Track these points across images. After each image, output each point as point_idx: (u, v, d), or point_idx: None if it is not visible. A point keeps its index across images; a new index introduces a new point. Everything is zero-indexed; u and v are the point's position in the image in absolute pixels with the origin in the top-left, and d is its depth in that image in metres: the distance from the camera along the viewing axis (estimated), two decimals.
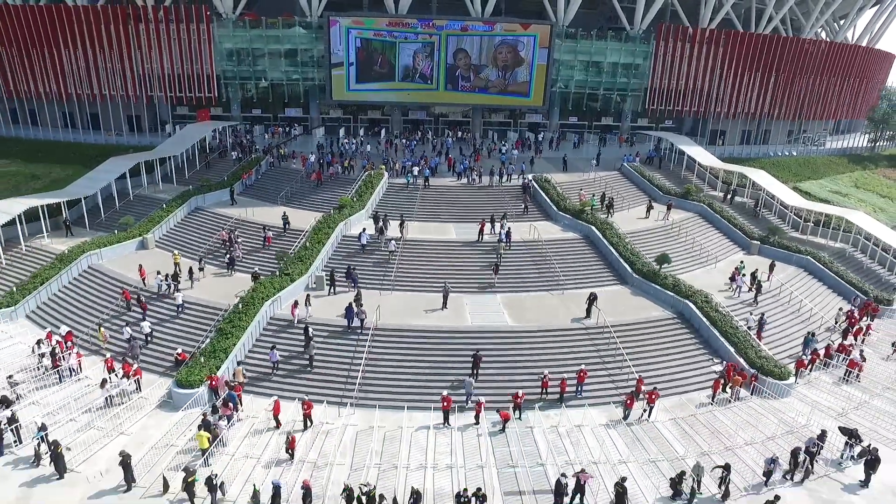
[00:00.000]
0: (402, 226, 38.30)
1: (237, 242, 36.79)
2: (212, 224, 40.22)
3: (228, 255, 35.50)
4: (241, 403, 25.28)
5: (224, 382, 25.83)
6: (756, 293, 34.55)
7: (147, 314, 30.74)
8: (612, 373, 28.39)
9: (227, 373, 26.66)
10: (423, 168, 46.18)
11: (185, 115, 59.23)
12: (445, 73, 56.47)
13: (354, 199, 41.26)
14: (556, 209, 42.24)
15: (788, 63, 62.58)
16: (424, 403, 25.84)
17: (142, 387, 26.31)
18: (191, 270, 33.66)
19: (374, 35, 54.80)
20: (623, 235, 38.79)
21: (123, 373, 26.25)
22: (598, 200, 43.76)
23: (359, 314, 29.35)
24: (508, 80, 57.11)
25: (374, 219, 39.10)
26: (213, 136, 54.44)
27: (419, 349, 28.95)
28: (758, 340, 30.46)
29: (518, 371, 28.07)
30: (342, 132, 58.92)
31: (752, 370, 28.26)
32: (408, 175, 45.59)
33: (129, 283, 33.27)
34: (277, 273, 33.04)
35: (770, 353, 29.82)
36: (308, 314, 30.31)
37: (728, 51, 59.59)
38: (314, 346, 28.06)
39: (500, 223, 38.91)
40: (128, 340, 28.61)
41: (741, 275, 35.49)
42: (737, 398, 27.23)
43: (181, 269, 33.98)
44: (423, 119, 62.67)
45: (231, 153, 51.03)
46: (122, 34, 54.25)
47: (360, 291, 31.92)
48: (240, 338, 27.97)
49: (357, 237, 37.01)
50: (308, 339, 28.18)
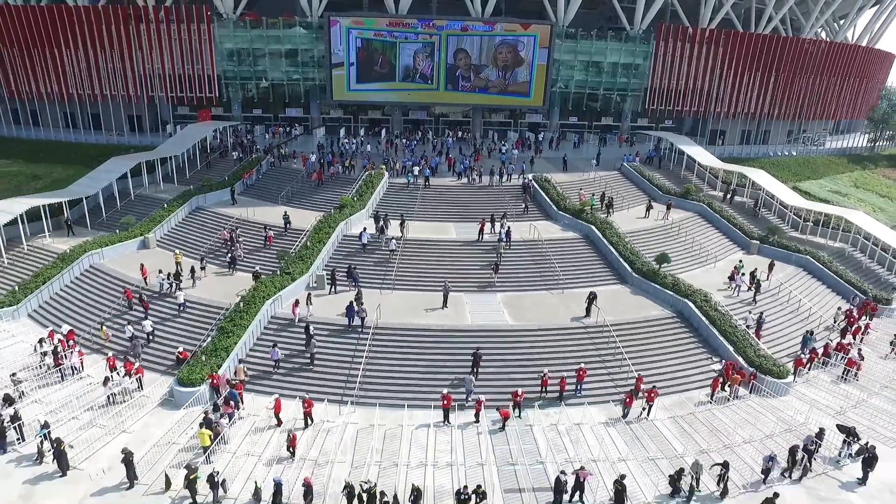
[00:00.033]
0: (403, 225, 38.43)
1: (238, 242, 36.92)
2: (213, 224, 40.36)
3: (230, 255, 35.64)
4: (243, 401, 25.41)
5: (225, 381, 25.96)
6: (755, 292, 34.67)
7: (149, 313, 30.89)
8: (612, 371, 28.50)
9: (229, 371, 26.79)
10: (424, 168, 46.32)
11: (186, 115, 59.38)
12: (446, 73, 56.60)
13: (355, 199, 41.40)
14: (556, 209, 42.36)
15: (788, 63, 62.69)
16: (425, 402, 25.96)
17: (143, 385, 26.44)
18: (193, 269, 33.81)
19: (375, 35, 54.94)
20: (623, 235, 38.91)
21: (125, 371, 26.38)
22: (598, 200, 43.92)
23: (359, 313, 29.48)
24: (508, 80, 57.24)
25: (375, 218, 39.26)
26: (214, 136, 54.57)
27: (419, 348, 29.08)
28: (756, 339, 30.59)
29: (518, 369, 28.17)
30: (343, 132, 59.07)
31: (751, 369, 28.36)
32: (408, 175, 45.72)
33: (131, 283, 33.40)
34: (278, 272, 33.18)
35: (769, 352, 29.95)
36: (309, 313, 30.45)
37: (728, 51, 59.71)
38: (315, 345, 28.18)
39: (500, 223, 39.04)
40: (130, 339, 28.76)
41: (740, 274, 35.61)
42: (735, 397, 27.36)
43: (182, 269, 34.12)
44: (424, 119, 62.81)
45: (232, 153, 51.16)
46: (123, 34, 54.42)
47: (361, 290, 32.06)
48: (241, 336, 28.10)
49: (358, 236, 37.14)
50: (309, 338, 28.31)
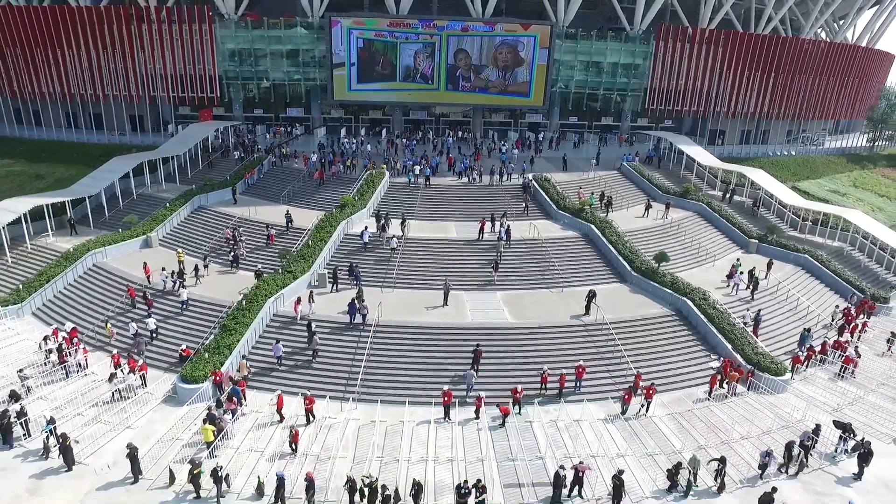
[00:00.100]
0: (404, 224, 38.68)
1: (241, 240, 37.18)
2: (215, 223, 40.62)
3: (232, 253, 35.91)
4: (245, 398, 25.66)
5: (228, 377, 26.22)
6: (753, 290, 34.89)
7: (152, 311, 31.14)
8: (611, 369, 28.75)
9: (231, 368, 27.07)
10: (424, 167, 46.57)
11: (188, 115, 59.68)
12: (446, 74, 56.85)
13: (356, 198, 41.65)
14: (556, 208, 42.61)
15: (788, 63, 62.92)
16: (425, 398, 26.21)
17: (147, 382, 26.71)
18: (196, 268, 34.08)
19: (376, 35, 55.21)
20: (622, 234, 39.14)
21: (129, 368, 26.64)
22: (598, 199, 44.17)
23: (360, 310, 29.75)
24: (509, 81, 57.49)
25: (376, 217, 39.52)
26: (216, 136, 54.83)
27: (420, 345, 29.34)
28: (754, 337, 30.83)
29: (518, 367, 28.45)
30: (343, 132, 59.32)
31: (749, 366, 28.62)
32: (409, 174, 45.99)
33: (134, 281, 33.67)
34: (280, 271, 33.44)
35: (766, 350, 30.23)
36: (311, 311, 30.71)
37: (728, 51, 59.94)
38: (317, 341, 28.45)
39: (500, 222, 39.29)
40: (134, 336, 29.04)
41: (738, 273, 35.83)
42: (733, 394, 27.61)
43: (185, 267, 34.38)
44: (424, 119, 63.05)
45: (233, 153, 51.44)
46: (125, 35, 54.71)
47: (362, 289, 32.30)
48: (243, 334, 28.37)
49: (359, 235, 37.41)
50: (311, 334, 28.58)
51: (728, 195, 49.15)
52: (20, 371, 25.75)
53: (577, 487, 21.01)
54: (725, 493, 21.41)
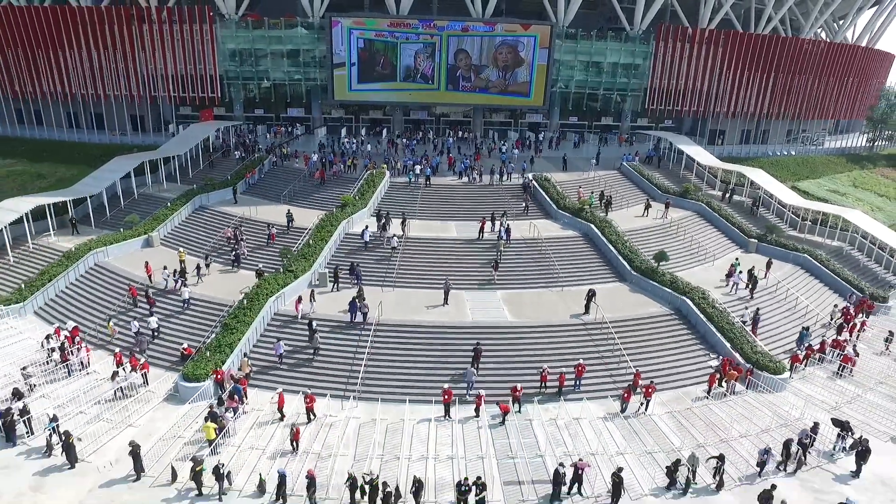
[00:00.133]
0: (404, 223, 38.81)
1: (242, 240, 37.30)
2: (216, 222, 40.75)
3: (234, 252, 36.05)
4: (247, 396, 25.81)
5: (229, 376, 26.36)
6: (752, 289, 35.01)
7: (154, 310, 31.27)
8: (610, 367, 28.88)
9: (233, 367, 27.20)
10: (425, 167, 46.69)
11: (189, 115, 59.83)
12: (446, 74, 56.98)
13: (357, 198, 41.77)
14: (556, 208, 42.73)
15: (788, 63, 63.01)
16: (426, 397, 26.35)
17: (149, 380, 26.85)
18: (198, 267, 34.22)
19: (376, 35, 55.33)
20: (622, 233, 39.27)
21: (131, 367, 26.77)
22: (597, 199, 44.30)
23: (361, 308, 29.88)
24: (509, 81, 57.61)
25: (377, 217, 39.66)
26: (217, 136, 54.98)
27: (421, 344, 29.47)
28: (753, 336, 30.95)
29: (517, 365, 28.58)
30: (344, 132, 59.44)
31: (748, 365, 28.74)
32: (409, 174, 46.11)
33: (136, 280, 33.81)
34: (281, 270, 33.58)
35: (765, 349, 30.35)
36: (312, 309, 30.84)
37: (727, 51, 60.05)
38: (318, 339, 28.58)
39: (500, 221, 39.42)
40: (136, 334, 29.19)
41: (737, 272, 35.94)
42: (732, 392, 27.73)
43: (187, 267, 34.49)
44: (425, 119, 63.17)
45: (234, 153, 51.57)
46: (126, 35, 54.87)
47: (363, 288, 32.42)
48: (245, 333, 28.52)
49: (360, 234, 37.54)
50: (312, 333, 28.71)
51: (728, 195, 49.26)
52: (23, 369, 25.93)
53: (577, 485, 21.15)
54: (724, 491, 21.54)
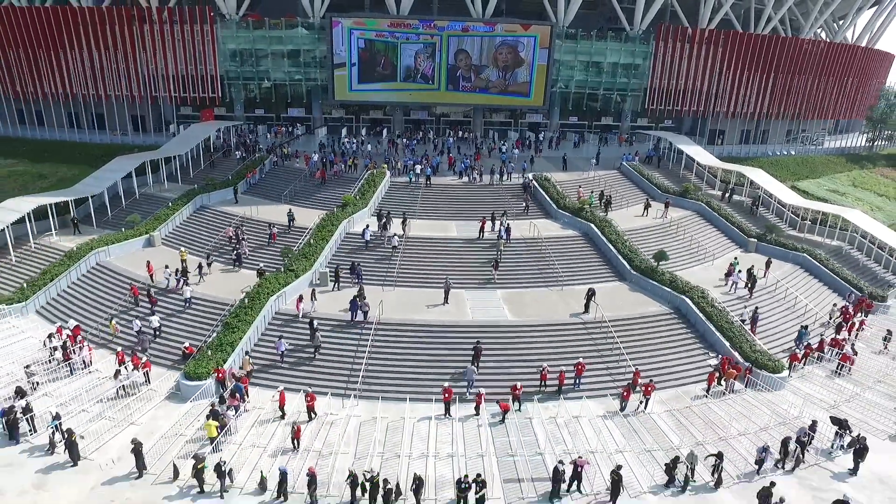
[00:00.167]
0: (405, 223, 38.94)
1: (243, 239, 37.43)
2: (217, 222, 40.88)
3: (235, 252, 36.18)
4: (248, 395, 25.94)
5: (230, 374, 26.49)
6: (751, 288, 35.12)
7: (155, 308, 31.41)
8: (610, 366, 29.00)
9: (234, 366, 27.34)
10: (425, 167, 46.82)
11: (189, 115, 59.99)
12: (447, 74, 57.11)
13: (357, 198, 41.90)
14: (556, 207, 42.85)
15: (787, 63, 63.09)
16: (426, 395, 26.48)
17: (150, 379, 27.00)
18: (200, 266, 34.38)
19: (376, 36, 55.46)
20: (621, 233, 39.38)
21: (133, 365, 26.92)
22: (597, 198, 44.42)
23: (362, 307, 30.01)
24: (509, 81, 57.73)
25: (378, 216, 39.79)
26: (217, 136, 55.12)
27: (421, 343, 29.61)
28: (752, 335, 31.06)
29: (517, 364, 28.70)
30: (344, 132, 59.56)
31: (747, 364, 28.85)
32: (410, 173, 46.25)
33: (137, 280, 33.93)
34: (282, 269, 33.71)
35: (764, 348, 30.47)
36: (313, 308, 30.97)
37: (727, 51, 60.14)
38: (319, 338, 28.73)
39: (500, 221, 39.54)
40: (138, 333, 29.32)
41: (737, 271, 36.04)
42: (731, 391, 27.86)
43: (188, 266, 34.63)
44: (425, 119, 63.30)
45: (235, 152, 51.72)
46: (127, 35, 55.01)
47: (363, 287, 32.54)
48: (246, 332, 28.65)
49: (360, 234, 37.69)
50: (313, 331, 28.85)
51: (727, 194, 49.38)
52: (27, 367, 26.09)
53: (576, 482, 21.28)
54: (722, 489, 21.66)
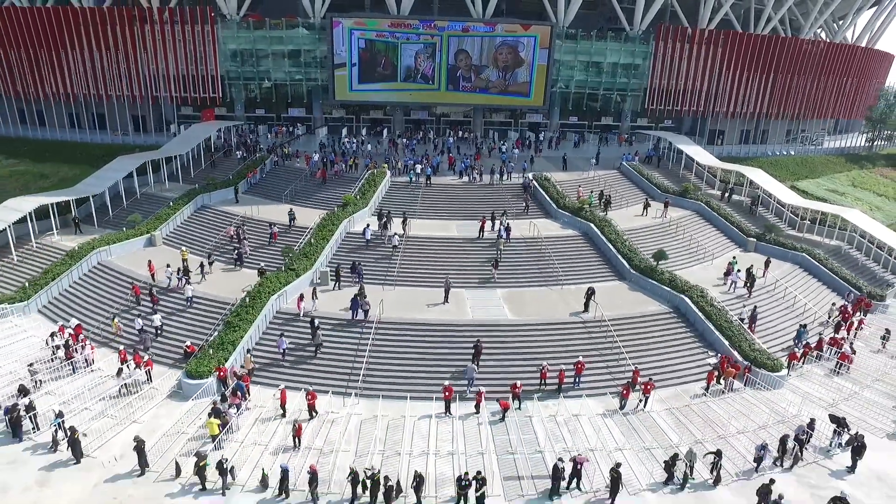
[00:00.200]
0: (405, 222, 39.07)
1: (244, 239, 37.56)
2: (218, 221, 41.01)
3: (236, 251, 36.31)
4: (249, 393, 26.07)
5: (232, 372, 26.62)
6: (750, 287, 35.24)
7: (157, 307, 31.54)
8: (609, 365, 29.12)
9: (235, 364, 27.47)
10: (426, 167, 46.96)
11: (190, 116, 60.12)
12: (447, 74, 57.24)
13: (358, 197, 42.04)
14: (556, 207, 42.98)
15: (787, 63, 63.24)
16: (427, 393, 26.61)
17: (152, 377, 27.12)
18: (202, 265, 34.53)
19: (377, 36, 55.60)
20: (621, 232, 39.50)
21: (135, 364, 27.06)
22: (597, 198, 44.56)
23: (363, 306, 30.14)
24: (509, 81, 57.87)
25: (378, 216, 39.93)
26: (218, 136, 55.26)
27: (421, 341, 29.73)
28: (751, 333, 31.18)
29: (517, 363, 28.83)
30: (345, 132, 59.69)
31: (746, 362, 28.97)
32: (410, 173, 46.38)
33: (139, 279, 34.06)
34: (283, 268, 33.84)
35: (763, 347, 30.57)
36: (314, 307, 31.11)
37: (727, 51, 60.28)
38: (321, 336, 28.87)
39: (500, 220, 39.67)
40: (140, 331, 29.46)
41: (735, 271, 36.16)
42: (730, 389, 27.97)
43: (189, 265, 34.75)
44: (425, 119, 63.44)
45: (236, 152, 51.85)
46: (128, 36, 55.17)
47: (364, 286, 32.67)
48: (247, 331, 28.78)
49: (361, 233, 37.82)
50: (314, 329, 29.00)
51: (727, 194, 49.49)
52: (30, 365, 26.24)
53: (576, 480, 21.40)
54: (721, 486, 21.78)
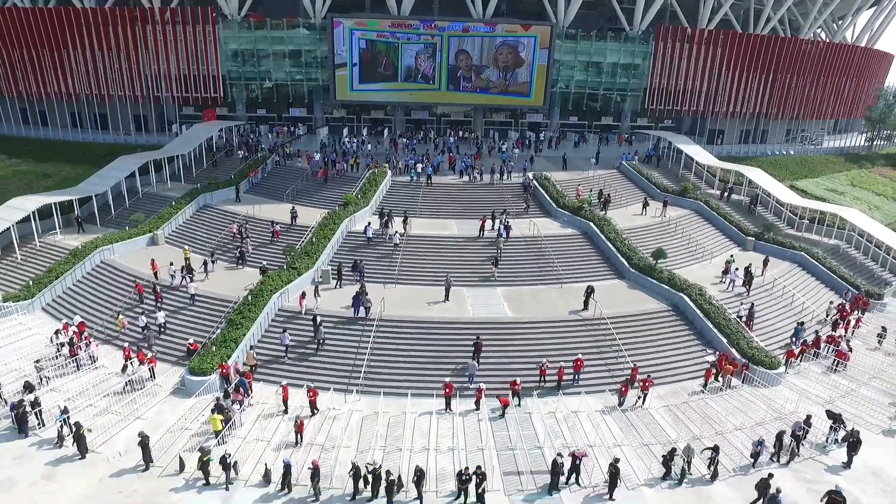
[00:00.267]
0: (406, 222, 39.32)
1: (246, 237, 37.82)
2: (220, 220, 41.28)
3: (239, 250, 36.58)
4: (252, 390, 26.33)
5: (235, 369, 26.89)
6: (748, 285, 35.47)
7: (160, 305, 31.80)
8: (608, 362, 29.38)
9: (238, 361, 27.73)
10: (426, 166, 47.21)
11: (192, 115, 60.36)
12: (447, 74, 57.48)
13: (359, 196, 42.29)
14: (556, 206, 43.22)
15: (787, 63, 63.40)
16: (427, 390, 26.86)
17: (156, 374, 27.39)
18: (205, 263, 34.80)
19: (377, 36, 55.83)
20: (620, 231, 39.74)
21: (139, 361, 27.33)
22: (596, 197, 44.80)
23: (364, 303, 30.40)
24: (509, 81, 58.10)
25: (379, 215, 40.19)
26: (220, 136, 55.53)
27: (422, 339, 29.99)
28: (749, 331, 31.42)
29: (517, 360, 29.10)
30: (346, 132, 59.94)
31: (744, 360, 29.22)
32: (411, 173, 46.63)
33: (142, 278, 34.33)
34: (285, 267, 34.10)
35: (761, 344, 30.81)
36: (316, 305, 31.37)
37: (727, 51, 60.46)
38: (323, 332, 29.13)
39: (500, 219, 39.91)
40: (143, 329, 29.73)
41: (734, 269, 36.39)
42: (728, 386, 28.22)
43: (192, 264, 34.99)
44: (426, 119, 63.68)
45: (237, 152, 52.13)
46: (129, 35, 55.40)
47: (365, 284, 32.90)
48: (249, 328, 29.05)
49: (362, 232, 38.09)
50: (317, 326, 29.26)
51: (726, 194, 49.73)
52: (37, 362, 26.52)
53: (575, 475, 21.66)
54: (718, 481, 22.03)
